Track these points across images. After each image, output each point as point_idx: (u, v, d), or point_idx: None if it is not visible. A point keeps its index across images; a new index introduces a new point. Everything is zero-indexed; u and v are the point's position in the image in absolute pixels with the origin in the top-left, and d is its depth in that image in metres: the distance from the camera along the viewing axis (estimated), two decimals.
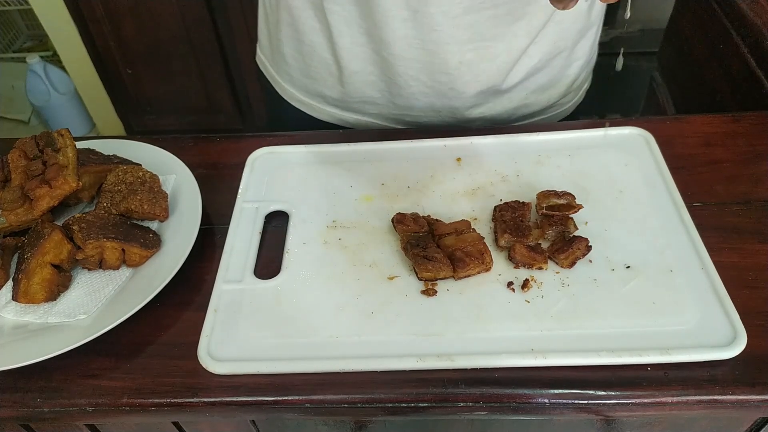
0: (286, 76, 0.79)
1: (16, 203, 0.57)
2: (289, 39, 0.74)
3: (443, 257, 0.54)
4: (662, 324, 0.50)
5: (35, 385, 0.50)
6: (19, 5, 2.10)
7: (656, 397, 0.46)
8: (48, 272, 0.54)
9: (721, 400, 0.46)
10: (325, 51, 0.72)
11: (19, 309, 0.54)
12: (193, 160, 0.68)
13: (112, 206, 0.59)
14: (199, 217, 0.59)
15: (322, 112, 0.79)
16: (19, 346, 0.51)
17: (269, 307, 0.54)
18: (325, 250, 0.58)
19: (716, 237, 0.56)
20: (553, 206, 0.57)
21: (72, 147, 0.59)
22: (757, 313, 0.50)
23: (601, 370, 0.48)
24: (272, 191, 0.65)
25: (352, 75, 0.72)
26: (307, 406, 0.49)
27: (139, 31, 1.87)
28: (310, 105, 0.80)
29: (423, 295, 0.54)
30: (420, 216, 0.59)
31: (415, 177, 0.65)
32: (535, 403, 0.47)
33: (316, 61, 0.74)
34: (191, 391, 0.49)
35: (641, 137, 0.66)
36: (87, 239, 0.54)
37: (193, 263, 0.57)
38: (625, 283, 0.53)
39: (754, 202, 0.60)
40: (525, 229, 0.56)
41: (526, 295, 0.53)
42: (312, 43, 0.72)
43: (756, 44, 0.82)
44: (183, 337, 0.53)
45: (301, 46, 0.73)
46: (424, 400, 0.48)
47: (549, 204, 0.57)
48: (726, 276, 0.52)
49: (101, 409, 0.49)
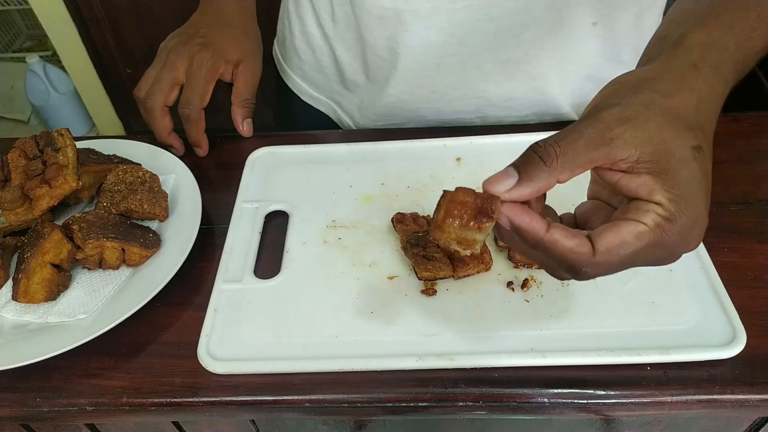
0: (298, 70, 0.81)
1: (15, 203, 0.57)
2: (299, 33, 0.76)
3: (443, 257, 0.54)
4: (661, 323, 0.50)
5: (35, 385, 0.50)
6: (18, 5, 2.10)
7: (655, 397, 0.46)
8: (48, 272, 0.54)
9: (721, 399, 0.46)
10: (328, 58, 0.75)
11: (19, 308, 0.54)
12: (193, 160, 0.68)
13: (112, 206, 0.59)
14: (198, 217, 0.59)
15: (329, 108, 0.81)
16: (19, 346, 0.51)
17: (269, 307, 0.54)
18: (324, 249, 0.58)
19: (715, 237, 0.56)
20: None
21: (72, 147, 0.59)
22: (756, 313, 0.50)
23: (600, 369, 0.48)
24: (272, 191, 0.65)
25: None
26: (307, 406, 0.49)
27: (139, 31, 1.87)
28: (318, 99, 0.82)
29: (423, 295, 0.54)
30: (420, 216, 0.59)
31: (415, 177, 0.65)
32: (534, 403, 0.47)
33: (324, 60, 0.76)
34: (191, 391, 0.49)
35: None
36: (87, 239, 0.54)
37: (193, 263, 0.57)
38: (624, 283, 0.53)
39: (754, 202, 0.60)
40: None
41: (525, 294, 0.53)
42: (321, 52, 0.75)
43: None
44: (183, 336, 0.53)
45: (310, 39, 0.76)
46: (424, 400, 0.48)
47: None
48: (725, 276, 0.52)
49: (101, 409, 0.49)
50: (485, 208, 0.37)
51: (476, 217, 0.37)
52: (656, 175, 0.35)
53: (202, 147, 0.69)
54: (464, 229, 0.38)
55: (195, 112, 0.67)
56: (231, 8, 0.73)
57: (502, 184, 0.37)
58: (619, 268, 0.37)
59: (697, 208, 0.36)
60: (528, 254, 0.40)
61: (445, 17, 0.64)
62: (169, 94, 0.67)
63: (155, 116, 0.67)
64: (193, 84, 0.67)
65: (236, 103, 0.71)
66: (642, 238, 0.35)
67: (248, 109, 0.71)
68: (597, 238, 0.36)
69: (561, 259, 0.37)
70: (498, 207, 0.37)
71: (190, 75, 0.67)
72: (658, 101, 0.37)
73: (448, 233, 0.39)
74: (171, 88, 0.67)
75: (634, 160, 0.35)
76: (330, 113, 0.82)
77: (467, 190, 0.39)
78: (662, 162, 0.35)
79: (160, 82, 0.66)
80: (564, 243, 0.36)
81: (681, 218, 0.35)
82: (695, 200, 0.36)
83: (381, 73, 0.71)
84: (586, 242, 0.36)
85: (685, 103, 0.37)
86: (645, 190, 0.36)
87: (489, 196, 0.37)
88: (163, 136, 0.68)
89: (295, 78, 0.82)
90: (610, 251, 0.36)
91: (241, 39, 0.71)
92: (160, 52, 0.69)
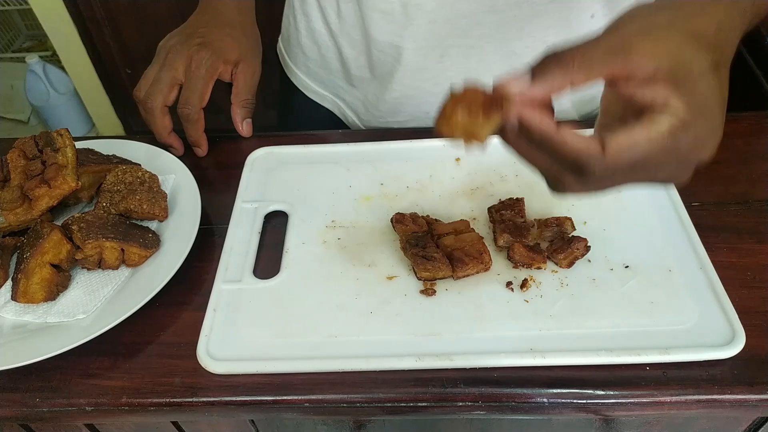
0: (303, 67, 0.81)
1: (15, 203, 0.57)
2: (305, 30, 0.77)
3: (442, 257, 0.54)
4: (661, 323, 0.50)
5: (34, 385, 0.50)
6: (18, 5, 2.10)
7: (655, 397, 0.46)
8: (47, 272, 0.54)
9: (720, 399, 0.46)
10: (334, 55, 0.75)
11: (18, 309, 0.54)
12: (193, 160, 0.68)
13: (112, 206, 0.59)
14: (198, 217, 0.59)
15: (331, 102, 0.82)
16: (18, 346, 0.51)
17: (268, 307, 0.54)
18: (324, 249, 0.58)
19: (715, 237, 0.56)
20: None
21: (71, 147, 0.59)
22: (755, 313, 0.51)
23: (599, 369, 0.48)
24: (271, 191, 0.65)
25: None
26: (306, 406, 0.49)
27: (139, 31, 1.87)
28: (324, 96, 0.82)
29: (422, 295, 0.54)
30: (419, 216, 0.59)
31: (415, 177, 0.65)
32: (533, 403, 0.47)
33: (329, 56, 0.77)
34: (190, 391, 0.49)
35: None
36: (86, 239, 0.54)
37: (193, 263, 0.57)
38: (623, 283, 0.53)
39: (753, 202, 0.60)
40: (524, 229, 0.56)
41: (525, 294, 0.53)
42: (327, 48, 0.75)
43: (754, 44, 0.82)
44: (182, 336, 0.53)
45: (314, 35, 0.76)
46: (423, 400, 0.48)
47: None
48: (724, 275, 0.52)
49: (100, 409, 0.49)
50: (495, 101, 0.36)
51: (484, 107, 0.36)
52: (674, 85, 0.35)
53: (202, 147, 0.70)
54: (472, 119, 0.37)
55: (194, 111, 0.67)
56: (230, 8, 0.73)
57: (514, 83, 0.36)
58: (627, 177, 0.36)
59: (714, 118, 0.35)
60: (533, 158, 0.38)
61: (449, 9, 0.64)
62: (169, 94, 0.67)
63: (155, 116, 0.67)
64: (192, 84, 0.67)
65: (236, 103, 0.71)
66: (655, 141, 0.35)
67: (248, 109, 0.71)
68: (608, 138, 0.35)
69: (569, 157, 0.36)
70: (508, 102, 0.36)
71: (189, 75, 0.67)
72: (678, 22, 0.36)
73: (454, 123, 0.37)
74: (170, 88, 0.67)
75: (652, 69, 0.35)
76: (335, 110, 0.83)
77: (476, 88, 0.38)
78: (681, 74, 0.35)
79: (159, 83, 0.66)
80: (574, 140, 0.35)
81: (696, 126, 0.35)
82: (712, 111, 0.35)
83: (385, 68, 0.72)
84: (597, 142, 0.35)
85: (705, 26, 0.37)
86: (662, 97, 0.35)
87: (499, 94, 0.36)
88: (162, 136, 0.69)
89: (300, 75, 0.82)
90: (620, 152, 0.35)
91: (240, 39, 0.71)
92: (158, 52, 0.69)
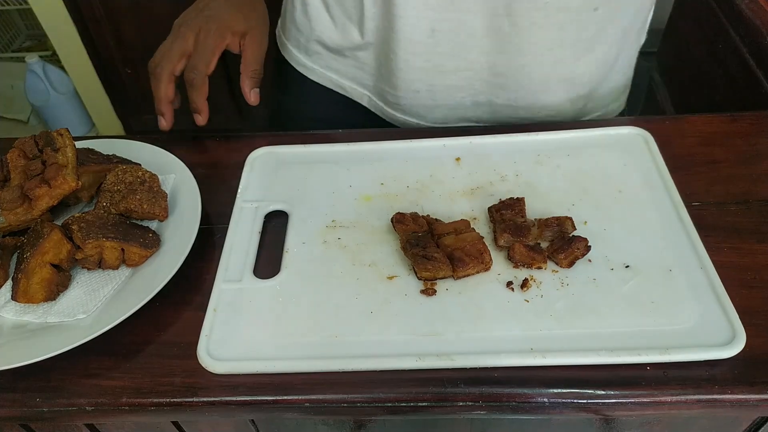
0: (294, 41, 0.82)
1: (15, 203, 0.57)
2: (300, 5, 0.78)
3: (442, 257, 0.54)
4: (661, 323, 0.50)
5: (34, 385, 0.50)
6: (18, 5, 2.10)
7: (655, 397, 0.46)
8: (47, 272, 0.54)
9: (720, 399, 0.46)
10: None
11: (19, 309, 0.54)
12: (193, 160, 0.68)
13: (112, 206, 0.59)
14: (198, 217, 0.59)
15: (324, 77, 0.82)
16: (19, 346, 0.51)
17: (269, 307, 0.54)
18: (324, 249, 0.58)
19: (715, 236, 0.56)
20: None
21: (71, 146, 0.59)
22: (755, 313, 0.51)
23: (600, 369, 0.48)
24: (271, 191, 0.65)
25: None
26: (307, 406, 0.49)
27: (139, 31, 1.87)
28: (320, 72, 0.82)
29: (422, 295, 0.54)
30: (419, 216, 0.59)
31: (415, 177, 0.65)
32: (534, 403, 0.47)
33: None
34: (191, 391, 0.49)
35: (640, 137, 0.66)
36: (86, 239, 0.54)
37: (193, 263, 0.57)
38: (624, 283, 0.53)
39: (753, 201, 0.60)
40: (524, 229, 0.56)
41: (525, 294, 0.53)
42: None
43: (755, 44, 0.82)
44: (182, 336, 0.53)
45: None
46: (424, 400, 0.48)
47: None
48: (725, 275, 0.52)
49: (101, 409, 0.49)
50: None
51: None
52: None
53: (203, 114, 0.71)
54: None
55: (200, 77, 0.69)
56: None
57: None
58: None
59: None
60: None
61: None
62: (177, 63, 0.69)
63: (161, 81, 0.69)
64: (199, 51, 0.69)
65: (244, 72, 0.73)
66: None
67: (256, 79, 0.74)
68: None
69: None
70: None
71: (197, 43, 0.70)
72: None
73: None
74: (179, 58, 0.69)
75: None
76: (330, 85, 0.83)
77: None
78: None
79: (170, 52, 0.69)
80: None
81: None
82: None
83: (379, 37, 0.73)
84: None
85: None
86: None
87: None
88: (161, 103, 0.70)
89: (292, 50, 0.83)
90: None
91: (247, 11, 0.74)
92: (173, 28, 0.72)
